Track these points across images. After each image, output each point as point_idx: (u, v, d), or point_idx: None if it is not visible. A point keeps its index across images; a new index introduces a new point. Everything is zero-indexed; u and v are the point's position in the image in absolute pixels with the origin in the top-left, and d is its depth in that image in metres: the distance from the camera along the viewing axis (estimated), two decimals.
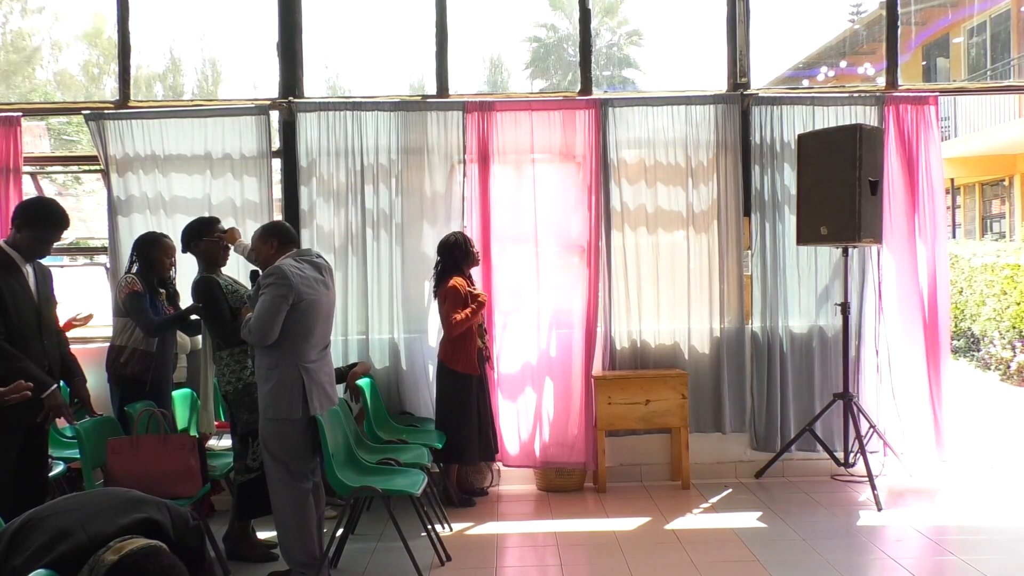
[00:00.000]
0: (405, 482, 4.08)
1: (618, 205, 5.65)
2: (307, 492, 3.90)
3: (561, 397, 5.61)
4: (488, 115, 5.57)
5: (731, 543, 4.51)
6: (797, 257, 5.67)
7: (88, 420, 3.99)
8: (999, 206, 17.05)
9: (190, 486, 3.90)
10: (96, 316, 5.16)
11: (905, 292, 5.61)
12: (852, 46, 19.59)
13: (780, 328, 5.65)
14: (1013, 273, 9.63)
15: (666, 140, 5.66)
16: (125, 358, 4.43)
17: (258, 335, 3.74)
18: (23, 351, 3.59)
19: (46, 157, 7.69)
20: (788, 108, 5.68)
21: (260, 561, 4.29)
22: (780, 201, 5.67)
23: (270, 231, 4.05)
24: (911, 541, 4.52)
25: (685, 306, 5.66)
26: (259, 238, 4.04)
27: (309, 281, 3.86)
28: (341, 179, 5.55)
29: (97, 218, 13.59)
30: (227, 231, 4.47)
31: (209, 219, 4.50)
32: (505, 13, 31.46)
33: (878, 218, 5.19)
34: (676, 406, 5.48)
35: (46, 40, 23.38)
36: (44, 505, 2.35)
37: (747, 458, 5.75)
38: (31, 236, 3.69)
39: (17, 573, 2.10)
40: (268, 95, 5.76)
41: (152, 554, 2.12)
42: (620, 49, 28.79)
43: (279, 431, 3.82)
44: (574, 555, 4.44)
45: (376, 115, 5.55)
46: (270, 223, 4.21)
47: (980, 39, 16.93)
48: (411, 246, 5.58)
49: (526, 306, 5.65)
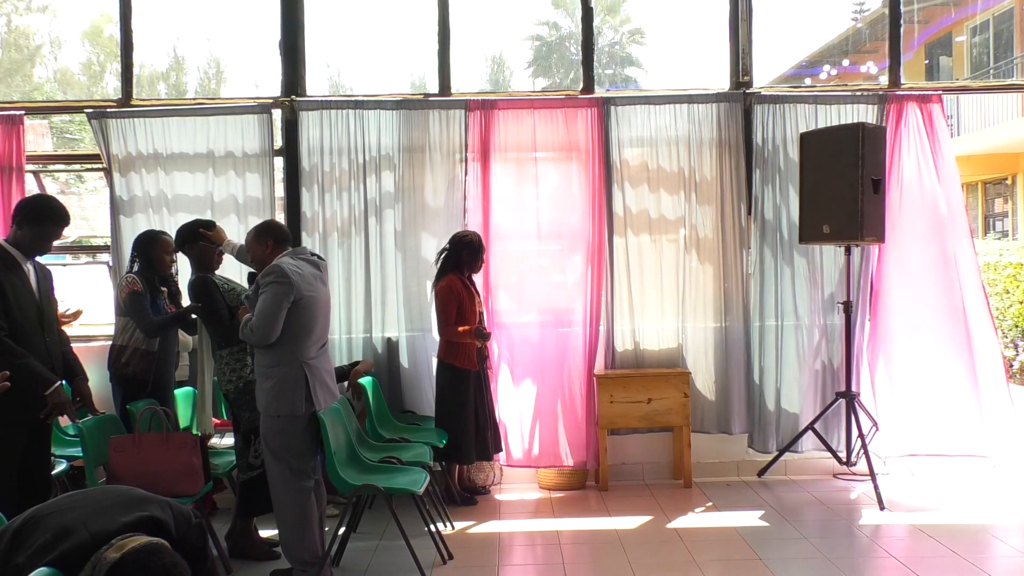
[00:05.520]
0: (407, 480, 4.08)
1: (620, 203, 5.64)
2: (309, 490, 3.90)
3: (563, 396, 5.61)
4: (490, 113, 5.57)
5: (733, 541, 4.51)
6: (799, 255, 5.66)
7: (90, 418, 3.99)
8: (1002, 205, 17.02)
9: (192, 484, 3.91)
10: (96, 314, 5.17)
11: (908, 291, 5.60)
12: (855, 44, 19.55)
13: (782, 326, 5.64)
14: (1016, 272, 9.60)
15: (668, 139, 5.65)
16: (127, 358, 4.43)
17: (260, 334, 3.73)
18: (26, 348, 3.59)
19: (48, 155, 7.69)
20: (790, 107, 5.67)
21: (262, 559, 4.29)
22: (782, 200, 5.66)
23: (264, 231, 4.03)
24: (913, 539, 4.52)
25: (687, 304, 5.66)
26: (253, 239, 4.03)
27: (308, 279, 3.86)
28: (343, 177, 5.55)
29: (100, 216, 13.62)
30: (212, 230, 4.37)
31: (201, 223, 4.44)
32: (507, 11, 31.44)
33: (880, 217, 5.18)
34: (678, 405, 5.48)
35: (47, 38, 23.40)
36: (46, 503, 2.35)
37: (749, 457, 5.74)
38: (31, 233, 3.69)
39: (19, 571, 2.10)
40: (270, 93, 5.76)
41: (154, 552, 2.12)
42: (622, 48, 28.76)
43: (281, 428, 3.82)
44: (576, 553, 4.44)
45: (378, 113, 5.55)
46: (263, 223, 4.18)
47: (983, 38, 16.89)
48: (413, 244, 5.57)
49: (527, 304, 5.65)
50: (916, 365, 5.56)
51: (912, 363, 5.57)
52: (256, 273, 3.99)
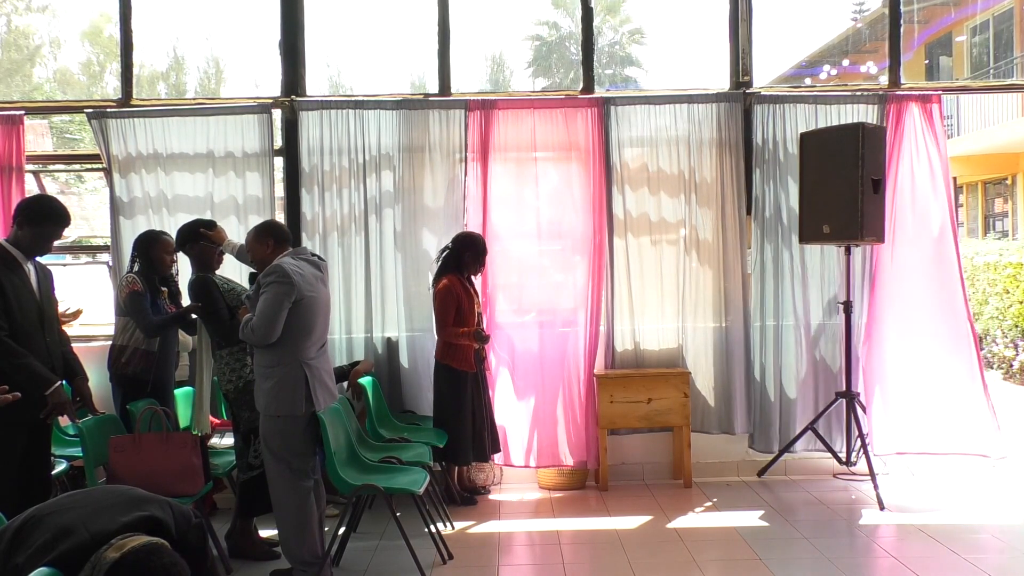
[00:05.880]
0: (407, 480, 4.08)
1: (620, 203, 5.64)
2: (308, 490, 3.90)
3: (563, 395, 5.61)
4: (490, 113, 5.57)
5: (733, 541, 4.51)
6: (799, 255, 5.66)
7: (90, 418, 3.99)
8: (1002, 205, 17.02)
9: (192, 484, 3.91)
10: (96, 314, 5.16)
11: (909, 291, 5.60)
12: (855, 44, 19.55)
13: (782, 326, 5.64)
14: (1016, 272, 9.61)
15: (668, 139, 5.65)
16: (127, 358, 4.43)
17: (261, 334, 3.73)
18: (26, 348, 3.59)
19: (48, 155, 7.70)
20: (790, 107, 5.67)
21: (262, 559, 4.29)
22: (782, 199, 5.66)
23: (265, 231, 4.03)
24: (913, 539, 4.52)
25: (687, 304, 5.66)
26: (254, 238, 4.03)
27: (309, 279, 3.86)
28: (343, 177, 5.55)
29: (100, 216, 13.62)
30: (214, 231, 4.37)
31: (202, 223, 4.44)
32: (507, 11, 31.47)
33: (880, 217, 5.18)
34: (678, 405, 5.48)
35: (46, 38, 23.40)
36: (46, 503, 2.35)
37: (749, 456, 5.74)
38: (32, 234, 3.69)
39: (19, 571, 2.10)
40: (270, 93, 5.76)
41: (154, 552, 2.12)
42: (622, 47, 28.77)
43: (281, 428, 3.82)
44: (576, 553, 4.44)
45: (378, 113, 5.55)
46: (264, 223, 4.18)
47: (983, 37, 16.89)
48: (413, 244, 5.57)
49: (527, 304, 5.65)
50: (915, 365, 5.56)
51: (911, 362, 5.57)
52: (257, 273, 3.99)
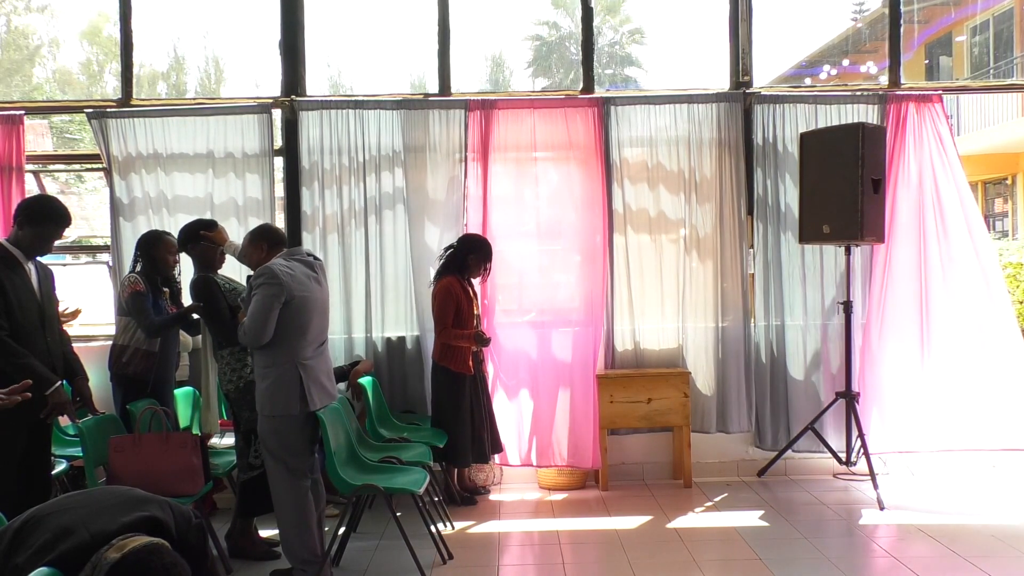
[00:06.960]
0: (407, 480, 4.08)
1: (620, 203, 5.64)
2: (306, 489, 3.90)
3: (563, 396, 5.60)
4: (490, 113, 5.57)
5: (733, 541, 4.51)
6: (799, 256, 5.66)
7: (90, 418, 3.99)
8: (1002, 205, 17.01)
9: (192, 484, 3.91)
10: (96, 314, 5.16)
11: (909, 290, 5.59)
12: (855, 44, 19.54)
13: (782, 326, 5.65)
14: (1016, 272, 9.59)
15: (668, 139, 5.66)
16: (127, 357, 4.43)
17: (252, 335, 3.75)
18: (27, 348, 3.59)
19: (48, 155, 7.70)
20: (790, 107, 5.67)
21: (262, 559, 4.29)
22: (782, 200, 5.67)
23: (258, 235, 4.07)
24: (913, 539, 4.52)
25: (687, 304, 5.66)
26: (248, 243, 4.07)
27: (299, 279, 3.86)
28: (343, 177, 5.55)
29: (100, 216, 13.60)
30: (214, 231, 4.36)
31: (203, 223, 4.44)
32: (507, 11, 31.37)
33: (881, 217, 5.19)
34: (678, 405, 5.48)
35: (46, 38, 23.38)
36: (46, 503, 2.34)
37: (749, 457, 5.75)
38: (32, 234, 3.69)
39: (19, 571, 2.10)
40: (270, 93, 5.76)
41: (154, 552, 2.12)
42: (622, 47, 28.74)
43: (277, 428, 3.83)
44: (576, 553, 4.44)
45: (378, 113, 5.55)
46: (257, 228, 4.19)
47: (983, 37, 16.89)
48: (413, 244, 5.57)
49: (527, 304, 5.65)
50: (914, 364, 5.57)
51: (910, 362, 5.57)
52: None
